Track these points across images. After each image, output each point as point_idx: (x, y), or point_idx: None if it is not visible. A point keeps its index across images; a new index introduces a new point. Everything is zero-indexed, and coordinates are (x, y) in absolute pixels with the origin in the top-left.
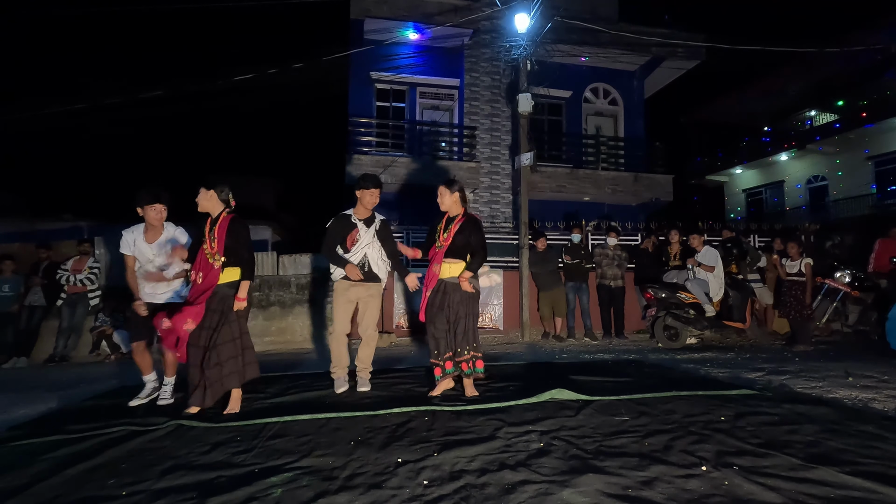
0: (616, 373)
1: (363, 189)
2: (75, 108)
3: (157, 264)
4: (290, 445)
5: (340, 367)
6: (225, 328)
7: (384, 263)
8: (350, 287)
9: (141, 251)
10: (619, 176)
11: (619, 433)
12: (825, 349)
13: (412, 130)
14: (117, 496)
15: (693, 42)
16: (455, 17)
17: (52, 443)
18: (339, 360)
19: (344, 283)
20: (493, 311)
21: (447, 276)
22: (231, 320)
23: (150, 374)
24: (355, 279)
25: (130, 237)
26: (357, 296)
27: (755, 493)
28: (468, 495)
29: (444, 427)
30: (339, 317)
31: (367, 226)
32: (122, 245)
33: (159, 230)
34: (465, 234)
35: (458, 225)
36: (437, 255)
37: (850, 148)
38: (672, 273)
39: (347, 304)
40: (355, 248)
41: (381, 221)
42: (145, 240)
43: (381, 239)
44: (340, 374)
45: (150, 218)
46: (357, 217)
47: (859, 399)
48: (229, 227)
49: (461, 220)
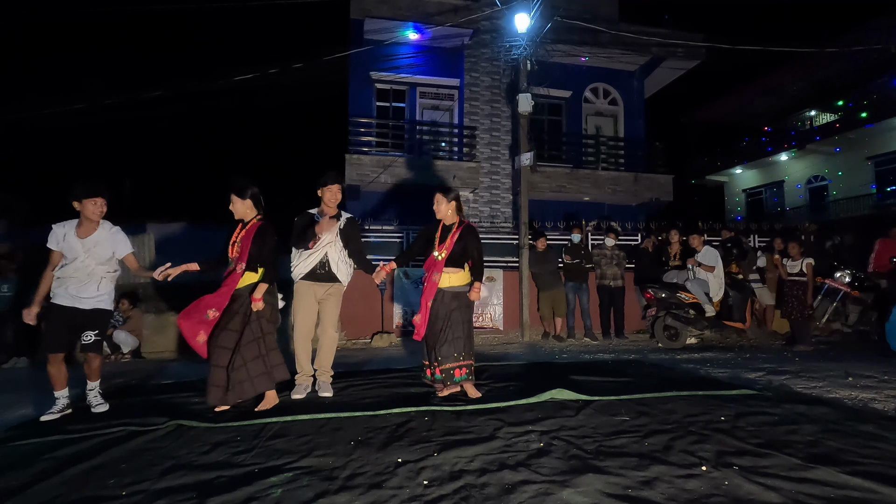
0: (616, 373)
1: (322, 187)
2: (75, 108)
3: (86, 263)
4: (290, 445)
5: (304, 373)
6: (247, 329)
7: (346, 265)
8: (310, 286)
9: (71, 247)
10: (619, 176)
11: (619, 433)
12: (825, 349)
13: (412, 130)
14: (117, 496)
15: (693, 42)
16: (455, 17)
17: (52, 443)
18: (302, 366)
19: (304, 283)
20: (493, 311)
21: (446, 286)
22: (252, 320)
23: (62, 390)
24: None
25: (61, 231)
26: (317, 297)
27: (755, 493)
28: (468, 495)
29: (444, 427)
30: (300, 319)
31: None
32: (50, 239)
33: (94, 226)
34: (464, 242)
35: (457, 234)
36: (436, 265)
37: (850, 148)
38: (672, 273)
39: (309, 306)
40: (317, 245)
41: (346, 220)
42: (77, 235)
43: (345, 238)
44: (304, 380)
45: (87, 212)
46: (321, 215)
47: (859, 399)
48: (257, 233)
49: (459, 228)
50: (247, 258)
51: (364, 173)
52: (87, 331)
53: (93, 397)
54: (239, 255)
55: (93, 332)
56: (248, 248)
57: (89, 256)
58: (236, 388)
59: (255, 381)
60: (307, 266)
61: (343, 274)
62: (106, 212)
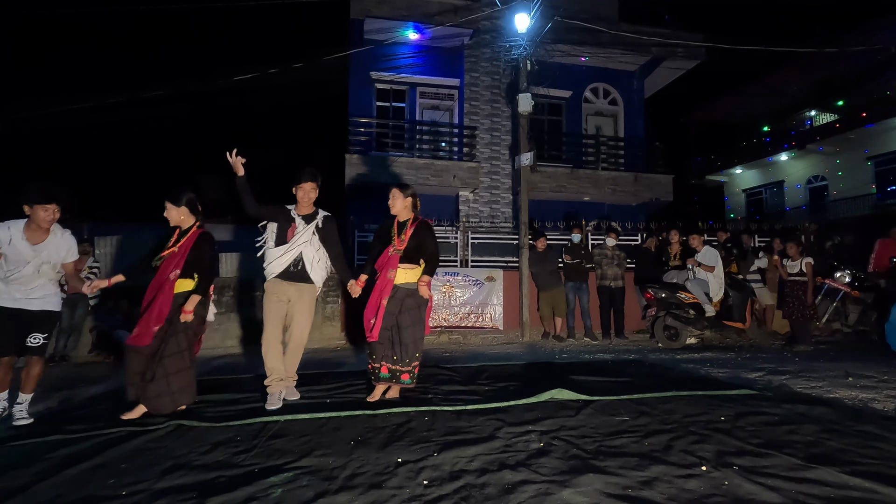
0: (616, 373)
1: (295, 185)
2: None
3: (34, 268)
4: (290, 445)
5: (275, 377)
6: (172, 339)
7: (320, 266)
8: (281, 285)
9: (17, 251)
10: (619, 176)
11: (619, 433)
12: (825, 349)
13: (412, 130)
14: (117, 496)
15: (693, 42)
16: (455, 17)
17: (52, 443)
18: (272, 371)
19: (275, 281)
20: (493, 311)
21: (402, 282)
22: (178, 331)
23: (2, 393)
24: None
25: (6, 233)
26: (288, 296)
27: (755, 493)
28: (468, 495)
29: (444, 427)
30: (269, 320)
31: (307, 222)
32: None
33: (45, 232)
34: (419, 238)
35: (412, 229)
36: (390, 261)
37: (850, 148)
38: (672, 273)
39: (279, 307)
40: (292, 242)
41: (323, 219)
42: (27, 239)
43: (322, 238)
44: (276, 387)
45: (38, 218)
46: (297, 212)
47: (859, 399)
48: (197, 242)
49: (414, 224)
50: (183, 266)
51: (364, 173)
52: (35, 333)
53: (18, 410)
54: (174, 262)
55: (41, 334)
56: (185, 256)
57: (40, 261)
58: (153, 401)
59: (176, 395)
60: (280, 265)
61: (317, 275)
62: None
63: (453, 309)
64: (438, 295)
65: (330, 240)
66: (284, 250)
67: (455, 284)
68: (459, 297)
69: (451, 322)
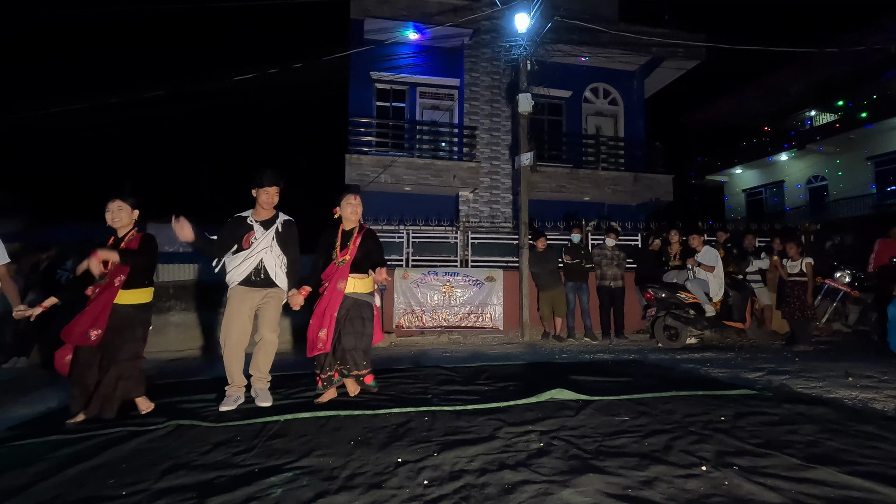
0: (616, 373)
1: (257, 188)
2: (76, 109)
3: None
4: (290, 445)
5: (236, 384)
6: (126, 346)
7: (283, 271)
8: (245, 292)
9: None
10: (619, 176)
11: (619, 433)
12: (825, 349)
13: (412, 130)
14: (117, 496)
15: (693, 42)
16: (455, 17)
17: (52, 443)
18: (233, 377)
19: (239, 288)
20: (493, 311)
21: (351, 291)
22: (136, 338)
23: None
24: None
25: None
26: (252, 303)
27: (755, 493)
28: (468, 495)
29: (444, 427)
30: (232, 327)
31: (266, 228)
32: None
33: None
34: (367, 247)
35: (359, 238)
36: (339, 272)
37: (850, 148)
38: (672, 273)
39: (242, 313)
40: (251, 249)
41: (283, 223)
42: None
43: (282, 242)
44: (235, 391)
45: None
46: (254, 218)
47: (859, 399)
48: (141, 247)
49: (360, 233)
50: (129, 272)
51: (364, 173)
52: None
53: None
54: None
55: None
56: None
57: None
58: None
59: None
60: (241, 273)
61: (282, 279)
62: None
63: (453, 309)
64: (438, 295)
65: (289, 245)
66: (244, 257)
67: (455, 284)
68: (459, 297)
69: (451, 322)
